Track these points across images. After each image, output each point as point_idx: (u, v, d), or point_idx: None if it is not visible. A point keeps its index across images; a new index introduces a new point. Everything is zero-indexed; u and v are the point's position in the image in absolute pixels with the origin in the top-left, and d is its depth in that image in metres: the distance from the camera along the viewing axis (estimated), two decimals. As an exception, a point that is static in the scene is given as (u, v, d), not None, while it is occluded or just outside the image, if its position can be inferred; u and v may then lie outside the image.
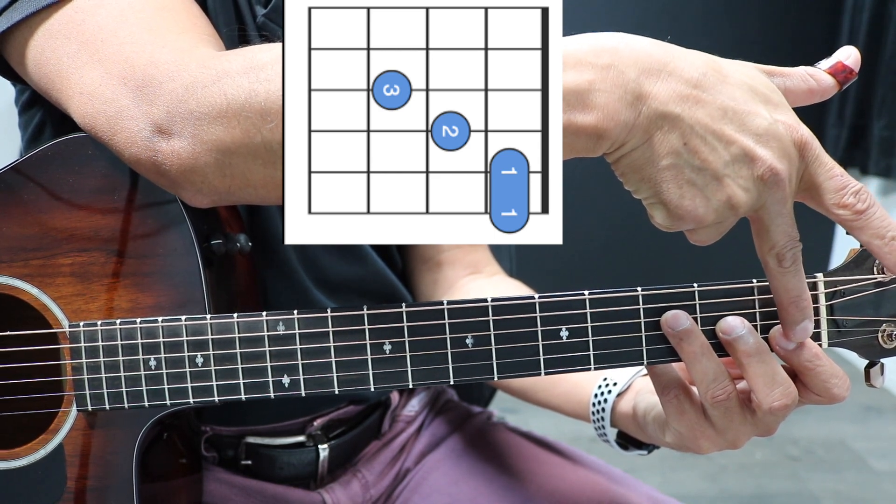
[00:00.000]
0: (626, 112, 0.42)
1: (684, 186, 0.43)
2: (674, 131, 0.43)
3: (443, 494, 0.73)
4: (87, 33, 0.51)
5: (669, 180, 0.43)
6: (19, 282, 0.54)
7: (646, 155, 0.43)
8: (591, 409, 0.62)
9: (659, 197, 0.44)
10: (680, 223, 0.45)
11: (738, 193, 0.43)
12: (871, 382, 0.50)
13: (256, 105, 0.44)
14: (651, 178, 0.44)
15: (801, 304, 0.47)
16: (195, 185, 0.48)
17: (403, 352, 0.48)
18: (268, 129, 0.45)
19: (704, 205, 0.44)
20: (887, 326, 0.49)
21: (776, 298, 0.47)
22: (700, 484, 1.96)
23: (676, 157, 0.43)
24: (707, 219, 0.44)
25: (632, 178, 0.45)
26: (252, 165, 0.46)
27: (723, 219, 0.45)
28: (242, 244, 0.58)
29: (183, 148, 0.47)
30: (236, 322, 0.50)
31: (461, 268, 0.78)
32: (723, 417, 0.49)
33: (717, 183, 0.43)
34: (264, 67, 0.45)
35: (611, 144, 0.43)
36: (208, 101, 0.46)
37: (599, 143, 0.43)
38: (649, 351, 0.49)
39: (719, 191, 0.43)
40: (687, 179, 0.43)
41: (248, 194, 0.49)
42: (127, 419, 0.53)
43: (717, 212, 0.44)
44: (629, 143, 0.43)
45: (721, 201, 0.43)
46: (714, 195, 0.43)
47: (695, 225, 0.45)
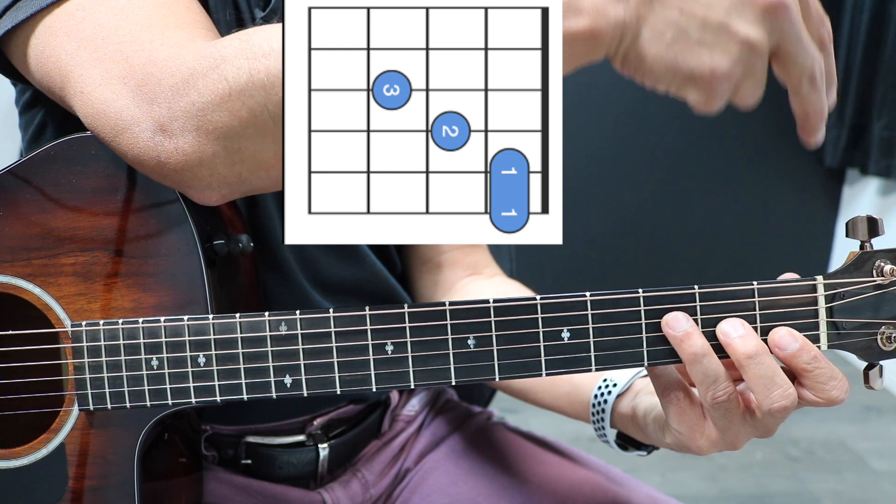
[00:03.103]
0: (615, 7, 0.43)
1: (697, 50, 0.43)
2: (664, 6, 0.43)
3: (443, 494, 0.73)
4: (87, 31, 0.51)
5: (681, 51, 0.43)
6: (22, 281, 0.54)
7: (648, 39, 0.43)
8: (591, 409, 0.62)
9: (681, 74, 0.44)
10: (713, 90, 0.44)
11: (750, 32, 0.43)
12: (869, 384, 0.50)
13: (259, 82, 0.45)
14: (663, 59, 0.44)
15: (824, 115, 0.48)
16: (203, 179, 0.48)
17: (405, 352, 0.49)
18: (273, 102, 0.45)
19: (725, 58, 0.43)
20: (886, 329, 0.49)
21: (804, 118, 0.48)
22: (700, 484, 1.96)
23: (677, 27, 0.43)
24: (734, 71, 0.44)
25: (645, 69, 0.45)
26: (262, 144, 0.46)
27: (751, 65, 0.44)
28: (244, 244, 0.58)
29: (187, 143, 0.47)
30: (238, 322, 0.50)
31: (461, 269, 0.78)
32: (723, 419, 0.49)
33: (726, 31, 0.43)
34: (260, 45, 0.45)
35: (609, 42, 0.44)
36: (210, 89, 0.46)
37: (598, 45, 0.44)
38: (650, 352, 0.49)
39: (732, 38, 0.43)
40: (697, 41, 0.43)
41: (258, 178, 0.49)
42: (128, 419, 0.53)
43: (739, 60, 0.44)
44: (627, 35, 0.43)
45: (738, 47, 0.43)
46: (729, 44, 0.43)
47: (727, 84, 0.44)
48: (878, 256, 0.49)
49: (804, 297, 0.49)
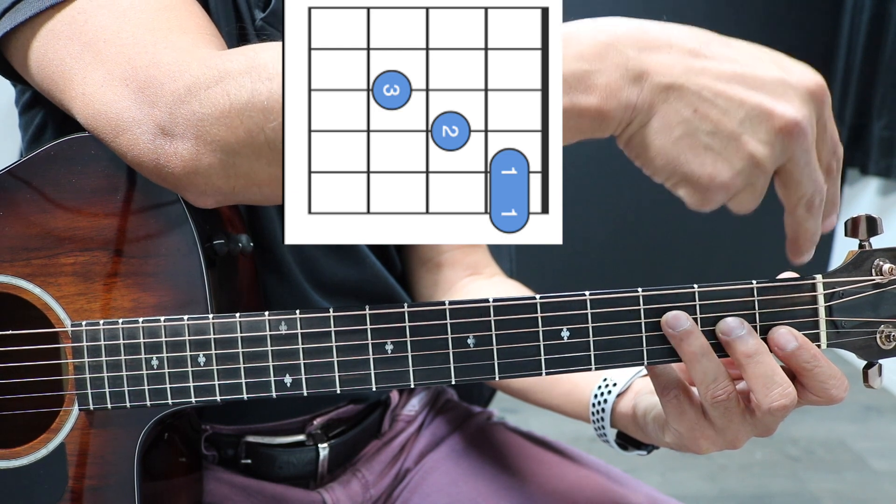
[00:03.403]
0: (628, 90, 0.42)
1: (702, 154, 0.42)
2: (680, 101, 0.42)
3: (443, 494, 0.73)
4: (90, 34, 0.51)
5: (685, 151, 0.42)
6: (22, 281, 0.54)
7: (655, 129, 0.42)
8: (591, 409, 0.62)
9: (679, 172, 0.43)
10: (709, 195, 0.43)
11: (759, 150, 0.42)
12: (869, 383, 0.50)
13: (259, 104, 0.45)
14: (666, 154, 0.43)
15: (816, 240, 0.47)
16: (199, 186, 0.48)
17: (405, 352, 0.49)
18: (271, 127, 0.45)
19: (727, 169, 0.42)
20: (885, 327, 0.49)
21: (794, 239, 0.47)
22: (700, 484, 1.96)
23: (687, 126, 0.42)
24: (734, 184, 0.43)
25: (646, 158, 0.44)
26: (256, 165, 0.46)
27: (752, 180, 0.43)
28: (244, 244, 0.58)
29: (186, 149, 0.47)
30: (238, 322, 0.50)
31: (461, 269, 0.78)
32: (722, 417, 0.49)
33: (735, 143, 0.42)
34: (266, 66, 0.45)
35: (617, 124, 0.43)
36: (211, 102, 0.46)
37: (604, 124, 0.43)
38: (650, 351, 0.49)
39: (739, 151, 0.42)
40: (703, 146, 0.42)
41: (252, 193, 0.49)
42: (128, 418, 0.53)
43: (742, 174, 0.43)
44: (636, 120, 0.43)
45: (744, 162, 0.42)
46: (735, 157, 0.42)
47: (724, 193, 0.43)
48: (877, 255, 0.49)
49: (803, 296, 0.49)
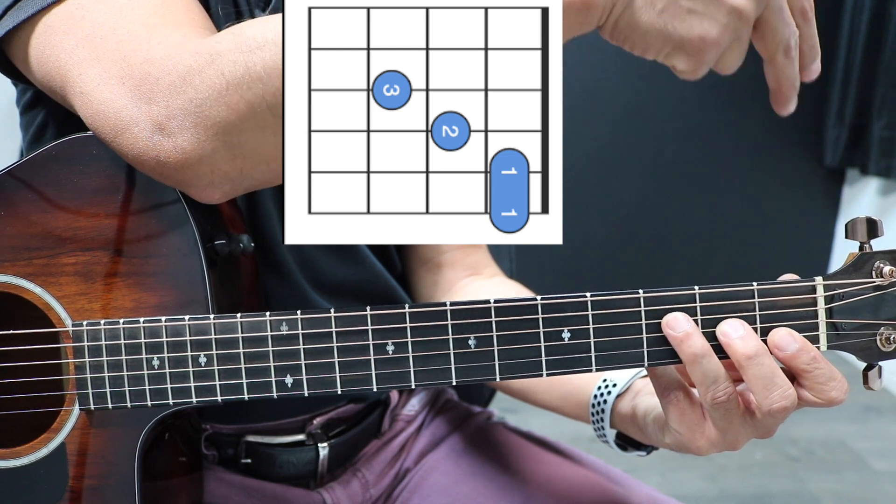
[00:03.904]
0: None
1: (687, 18, 0.45)
2: None
3: (442, 494, 0.73)
4: (86, 30, 0.51)
5: (671, 19, 0.45)
6: (23, 281, 0.54)
7: (638, 8, 0.45)
8: (591, 409, 0.62)
9: (670, 41, 0.45)
10: (701, 57, 0.46)
11: (740, 1, 0.44)
12: (869, 385, 0.50)
13: (255, 75, 0.45)
14: (654, 27, 0.45)
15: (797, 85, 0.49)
16: (205, 176, 0.48)
17: (406, 352, 0.49)
18: (271, 93, 0.45)
19: (714, 26, 0.45)
20: (885, 330, 0.49)
21: (777, 88, 0.49)
22: (700, 484, 1.96)
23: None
24: (723, 39, 0.45)
25: (636, 37, 0.46)
26: (262, 137, 0.47)
27: (737, 33, 0.45)
28: (245, 244, 0.58)
29: (186, 141, 0.47)
30: (239, 322, 0.50)
31: (461, 269, 0.78)
32: (722, 419, 0.49)
33: (715, 1, 0.44)
34: (254, 37, 0.45)
35: (601, 11, 0.45)
36: (206, 85, 0.46)
37: (590, 13, 0.44)
38: (650, 353, 0.49)
39: (721, 6, 0.44)
40: (687, 9, 0.44)
41: (260, 173, 0.49)
42: (129, 418, 0.53)
43: (728, 27, 0.45)
44: (618, 4, 0.44)
45: (728, 15, 0.45)
46: (718, 13, 0.45)
47: (715, 51, 0.46)
48: (878, 258, 0.49)
49: (804, 297, 0.49)
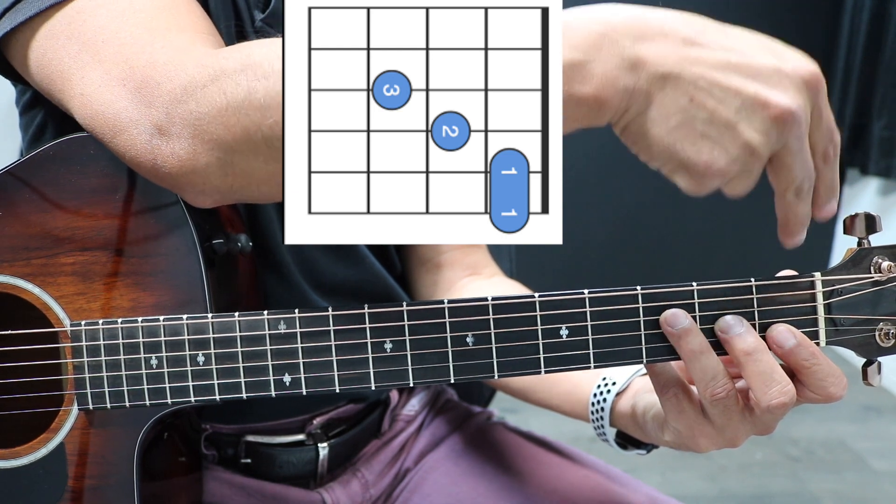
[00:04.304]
0: (625, 78, 0.42)
1: (698, 141, 0.43)
2: (677, 90, 0.43)
3: (442, 494, 0.73)
4: (88, 34, 0.51)
5: (682, 138, 0.43)
6: (21, 281, 0.54)
7: (652, 118, 0.43)
8: (591, 408, 0.62)
9: (676, 159, 0.44)
10: (704, 181, 0.44)
11: (755, 138, 0.43)
12: (868, 381, 0.50)
13: (256, 102, 0.45)
14: (662, 142, 0.44)
15: (806, 223, 0.48)
16: (196, 185, 0.49)
17: (404, 350, 0.49)
18: (268, 125, 0.45)
19: (723, 156, 0.43)
20: (884, 325, 0.49)
21: (784, 222, 0.48)
22: (700, 484, 1.96)
23: (684, 114, 0.43)
24: (730, 170, 0.44)
25: (643, 145, 0.45)
26: (254, 163, 0.47)
27: (747, 167, 0.44)
28: (243, 244, 0.58)
29: (183, 149, 0.47)
30: (238, 321, 0.50)
31: (460, 269, 0.78)
32: (722, 416, 0.49)
33: (731, 132, 0.43)
34: (261, 64, 0.45)
35: (614, 112, 0.44)
36: (207, 101, 0.46)
37: (601, 112, 0.44)
38: (649, 350, 0.49)
39: (735, 139, 0.43)
40: (700, 133, 0.43)
41: (251, 192, 0.49)
42: (128, 418, 0.53)
43: (737, 161, 0.44)
44: (632, 108, 0.43)
45: (739, 150, 0.43)
46: (731, 144, 0.43)
47: (720, 179, 0.44)
48: (876, 253, 0.49)
49: (802, 293, 0.49)
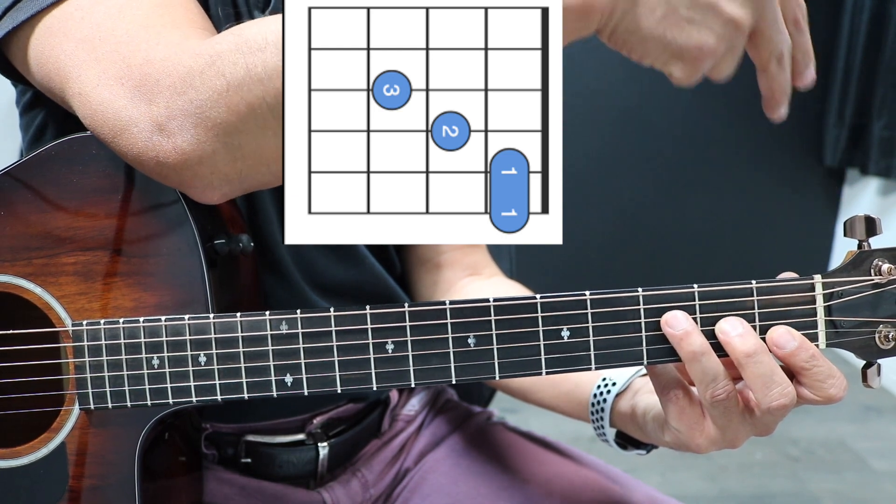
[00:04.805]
0: None
1: (686, 26, 0.45)
2: None
3: (442, 494, 0.73)
4: (85, 31, 0.51)
5: (670, 26, 0.45)
6: (23, 281, 0.54)
7: (638, 15, 0.45)
8: (591, 408, 0.62)
9: (668, 49, 0.46)
10: (697, 65, 0.47)
11: (737, 11, 0.46)
12: (868, 383, 0.50)
13: (256, 76, 0.45)
14: (652, 34, 0.45)
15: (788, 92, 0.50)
16: (204, 178, 0.48)
17: (405, 351, 0.49)
18: (271, 95, 0.45)
19: (711, 35, 0.46)
20: (884, 327, 0.49)
21: (769, 95, 0.51)
22: (700, 484, 1.96)
23: (668, 4, 0.45)
24: (719, 48, 0.46)
25: (634, 43, 0.46)
26: (262, 138, 0.47)
27: (733, 42, 0.47)
28: (245, 244, 0.58)
29: (186, 141, 0.47)
30: (239, 321, 0.50)
31: (460, 269, 0.78)
32: (722, 417, 0.49)
33: (713, 10, 0.45)
34: (254, 38, 0.45)
35: (601, 17, 0.45)
36: (207, 86, 0.46)
37: (590, 19, 0.45)
38: (649, 351, 0.49)
39: (719, 16, 0.45)
40: (686, 19, 0.45)
41: (260, 174, 0.49)
42: (129, 418, 0.53)
43: (724, 37, 0.46)
44: (618, 9, 0.45)
45: (723, 25, 0.46)
46: (715, 22, 0.45)
47: (711, 59, 0.47)
48: (876, 255, 0.49)
49: (802, 295, 0.49)
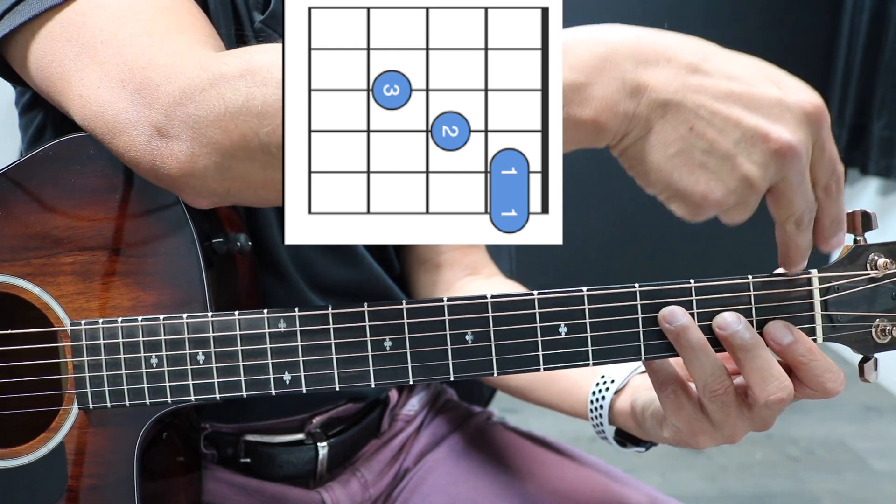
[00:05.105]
0: (625, 103, 0.42)
1: (696, 171, 0.43)
2: (677, 118, 0.42)
3: (442, 494, 0.73)
4: (87, 35, 0.51)
5: (680, 167, 0.43)
6: (21, 281, 0.54)
7: (651, 144, 0.43)
8: (589, 406, 0.62)
9: (673, 187, 0.44)
10: (700, 210, 0.44)
11: (753, 171, 0.42)
12: (864, 377, 0.51)
13: (254, 108, 0.45)
14: (661, 169, 0.43)
15: (806, 254, 0.47)
16: (194, 188, 0.49)
17: (404, 348, 0.49)
18: (265, 132, 0.45)
19: (720, 188, 0.43)
20: (881, 321, 0.49)
21: (784, 252, 0.47)
22: (700, 484, 1.95)
23: (684, 143, 0.42)
24: (727, 202, 0.43)
25: (640, 171, 0.44)
26: (251, 168, 0.47)
27: (744, 199, 0.43)
28: (243, 244, 0.58)
29: (181, 151, 0.47)
30: (237, 319, 0.50)
31: (459, 269, 0.78)
32: (720, 412, 0.49)
33: (729, 163, 0.42)
34: (261, 70, 0.45)
35: (612, 136, 0.43)
36: (206, 105, 0.46)
37: (600, 136, 0.43)
38: (647, 346, 0.49)
39: (734, 171, 0.42)
40: (698, 163, 0.42)
41: (248, 196, 0.49)
42: (128, 417, 0.53)
43: (735, 193, 0.43)
44: (632, 133, 0.43)
45: (737, 182, 0.43)
46: (729, 176, 0.42)
47: (716, 210, 0.44)
48: (872, 250, 0.49)
49: (799, 290, 0.49)
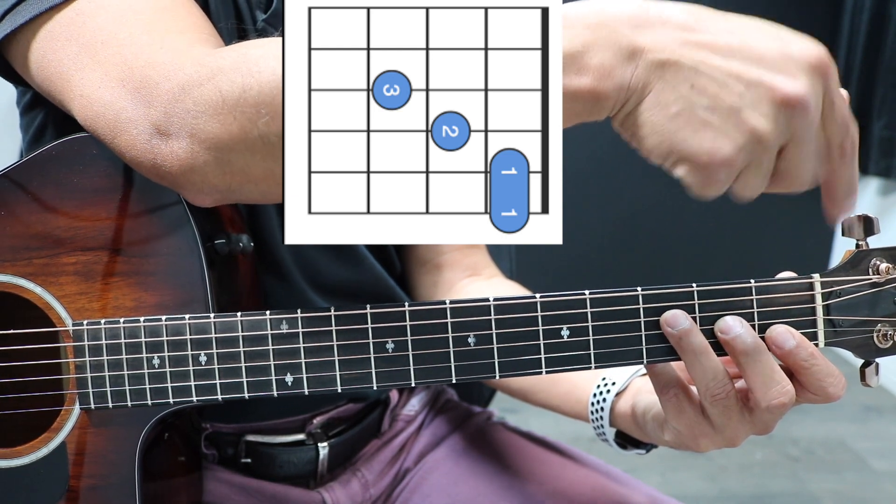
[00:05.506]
0: (623, 69, 0.41)
1: (700, 129, 0.40)
2: (677, 77, 0.41)
3: (442, 494, 0.73)
4: (88, 35, 0.51)
5: (683, 127, 0.41)
6: (23, 280, 0.54)
7: (651, 107, 0.41)
8: (590, 408, 0.62)
9: (677, 150, 0.42)
10: (710, 173, 0.41)
11: (762, 124, 0.40)
12: (866, 382, 0.51)
13: (250, 99, 0.45)
14: (660, 131, 0.41)
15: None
16: (196, 184, 0.49)
17: (406, 350, 0.49)
18: (263, 122, 0.45)
19: (728, 144, 0.40)
20: (882, 326, 0.50)
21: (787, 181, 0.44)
22: (700, 484, 1.96)
23: (685, 102, 0.40)
24: (736, 160, 0.41)
25: (641, 136, 0.43)
26: (251, 160, 0.47)
27: (754, 156, 0.41)
28: (245, 244, 0.58)
29: (181, 148, 0.47)
30: (240, 321, 0.50)
31: (460, 270, 0.78)
32: (721, 416, 0.49)
33: (735, 118, 0.40)
34: (256, 62, 0.45)
35: (612, 104, 0.42)
36: (204, 99, 0.46)
37: (599, 105, 0.42)
38: (649, 350, 0.49)
39: (740, 126, 0.40)
40: (701, 121, 0.40)
41: (249, 190, 0.49)
42: (129, 418, 0.53)
43: (744, 150, 0.41)
44: (631, 99, 0.42)
45: (745, 136, 0.40)
46: (735, 131, 0.40)
47: (727, 171, 0.41)
48: (874, 255, 0.49)
49: (801, 294, 0.49)
